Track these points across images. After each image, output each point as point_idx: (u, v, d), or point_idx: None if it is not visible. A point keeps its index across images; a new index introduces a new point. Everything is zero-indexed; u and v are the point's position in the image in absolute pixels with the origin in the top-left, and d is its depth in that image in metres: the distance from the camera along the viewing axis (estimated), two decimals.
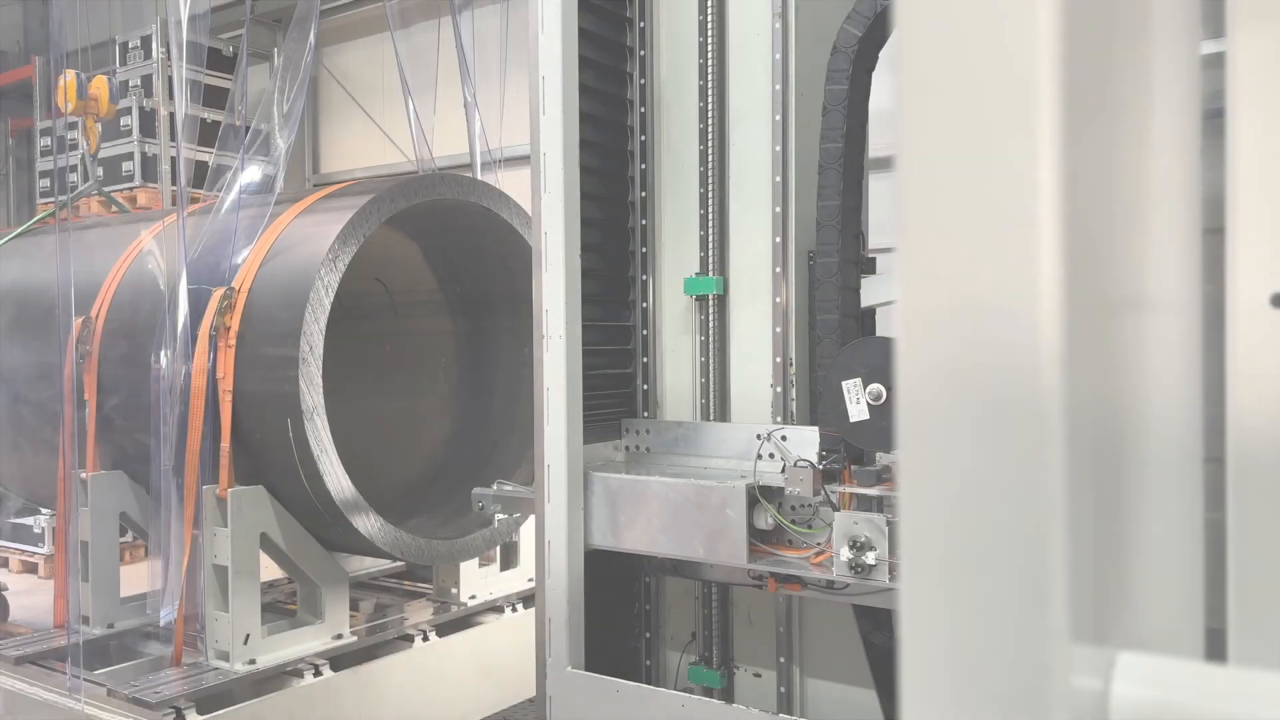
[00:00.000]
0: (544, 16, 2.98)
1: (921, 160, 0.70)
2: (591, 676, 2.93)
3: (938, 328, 0.69)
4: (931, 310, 0.69)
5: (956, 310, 0.69)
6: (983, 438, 0.67)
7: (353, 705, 4.02)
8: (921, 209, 0.69)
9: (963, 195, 0.68)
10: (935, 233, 0.69)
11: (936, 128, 0.69)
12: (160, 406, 3.96)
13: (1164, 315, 0.84)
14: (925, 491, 0.69)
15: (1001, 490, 0.67)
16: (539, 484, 3.02)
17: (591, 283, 3.14)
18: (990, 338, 0.68)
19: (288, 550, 3.97)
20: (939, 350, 0.69)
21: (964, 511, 0.68)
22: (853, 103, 2.74)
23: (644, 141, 3.32)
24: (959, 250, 0.69)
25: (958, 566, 0.68)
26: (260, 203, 4.22)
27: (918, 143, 0.70)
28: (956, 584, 0.68)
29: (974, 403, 0.68)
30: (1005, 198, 0.67)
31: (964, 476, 0.68)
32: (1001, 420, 0.67)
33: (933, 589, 0.69)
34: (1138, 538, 0.81)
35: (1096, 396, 0.71)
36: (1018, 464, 0.66)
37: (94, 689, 3.75)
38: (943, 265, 0.69)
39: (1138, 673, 0.72)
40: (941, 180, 0.69)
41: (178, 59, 4.02)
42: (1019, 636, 0.65)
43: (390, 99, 8.61)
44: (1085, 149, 0.68)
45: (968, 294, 0.68)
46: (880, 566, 2.54)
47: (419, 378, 5.31)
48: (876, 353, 2.51)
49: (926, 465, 0.70)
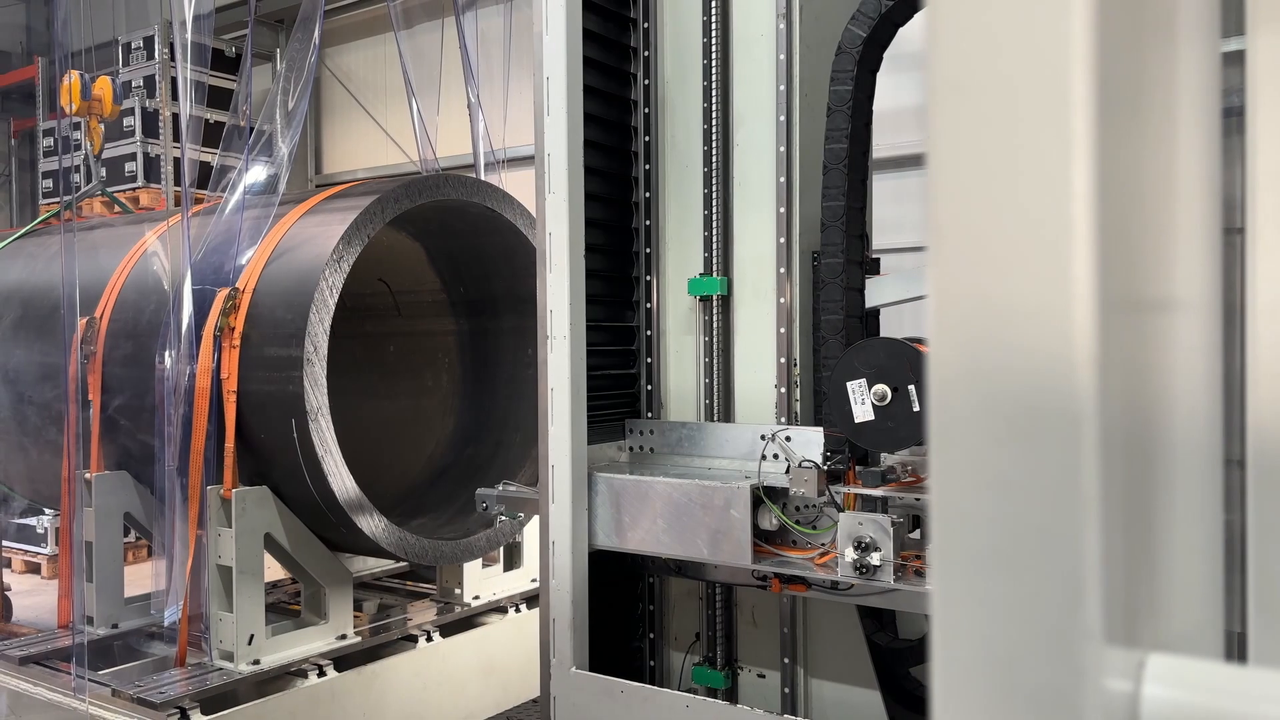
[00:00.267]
0: (548, 17, 2.98)
1: (952, 160, 0.69)
2: (596, 677, 2.93)
3: (969, 329, 0.69)
4: (963, 311, 0.69)
5: (988, 311, 0.69)
6: (1016, 439, 0.67)
7: (357, 706, 4.02)
8: (952, 209, 0.69)
9: (995, 195, 0.68)
10: (966, 233, 0.69)
11: (967, 126, 0.69)
12: (165, 407, 3.96)
13: (1186, 316, 0.84)
14: (957, 492, 0.69)
15: (1036, 491, 0.67)
16: (543, 484, 3.02)
17: (595, 283, 3.14)
18: (1023, 339, 0.67)
19: (292, 551, 3.97)
20: (970, 351, 0.69)
21: (997, 512, 0.68)
22: (857, 103, 2.74)
23: (648, 142, 3.32)
24: (991, 251, 0.68)
25: (991, 568, 0.68)
26: (264, 203, 4.23)
27: (947, 142, 0.69)
28: (989, 585, 0.68)
29: (1007, 404, 0.68)
30: (1038, 197, 0.67)
31: (997, 477, 0.68)
32: (1035, 421, 0.67)
33: (965, 590, 0.69)
34: (1163, 539, 0.81)
35: (1125, 398, 0.71)
36: (1052, 465, 0.66)
37: (99, 689, 3.75)
38: (974, 266, 0.69)
39: (1168, 675, 0.72)
40: (972, 180, 0.69)
41: (182, 60, 4.02)
42: (1053, 638, 0.65)
43: (392, 99, 8.62)
44: (1115, 147, 0.68)
45: (1000, 295, 0.68)
46: (885, 567, 2.54)
47: (422, 378, 5.31)
48: (881, 354, 2.51)
49: (958, 466, 0.69)
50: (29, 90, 10.73)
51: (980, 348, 0.68)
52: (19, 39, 11.73)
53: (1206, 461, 0.88)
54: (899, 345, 2.50)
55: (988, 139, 0.68)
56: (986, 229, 0.68)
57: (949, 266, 0.70)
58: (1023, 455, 0.67)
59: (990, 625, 0.68)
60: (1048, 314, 0.66)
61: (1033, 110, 0.66)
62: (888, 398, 2.47)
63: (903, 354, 2.48)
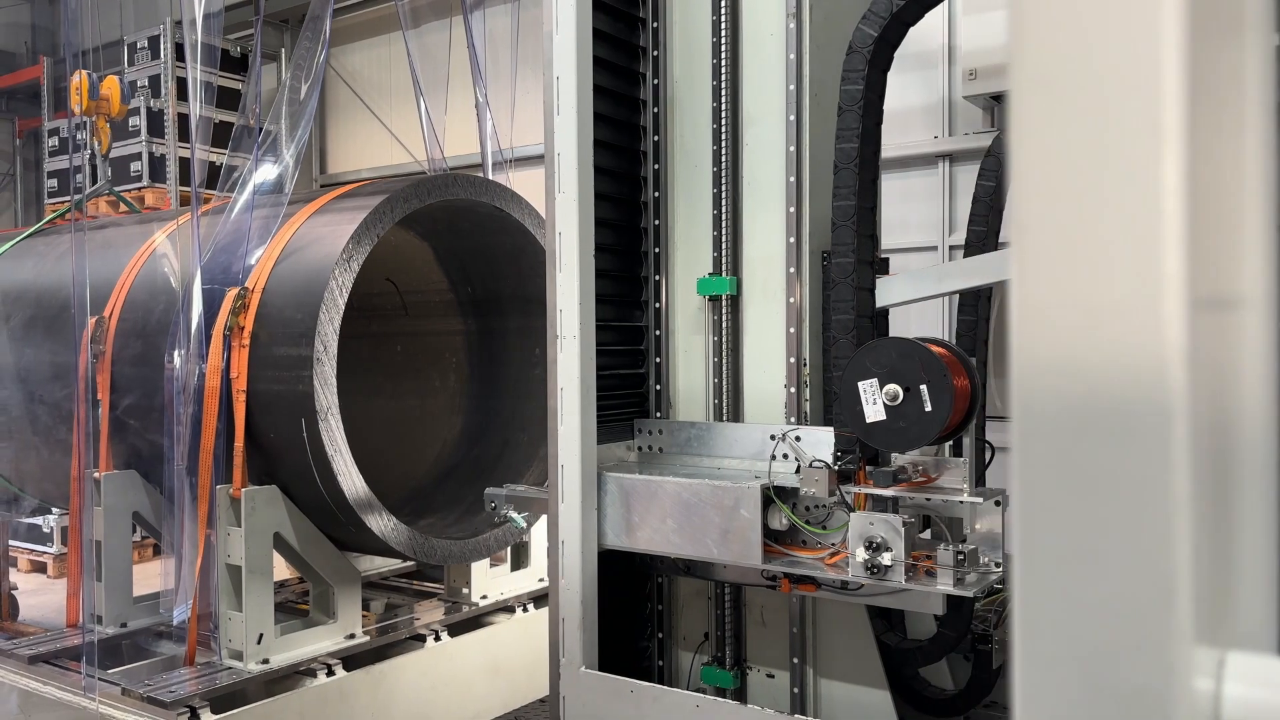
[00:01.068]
0: (558, 17, 2.98)
1: (1037, 155, 0.69)
2: (605, 677, 2.93)
3: (1055, 325, 0.69)
4: (1048, 307, 0.69)
5: (1076, 307, 0.68)
6: (1105, 436, 0.67)
7: (365, 705, 4.02)
8: (1038, 205, 0.69)
9: (1083, 190, 0.68)
10: (1052, 229, 0.69)
11: (1053, 120, 0.68)
12: (174, 406, 3.97)
13: (1252, 313, 0.83)
14: (1042, 491, 0.69)
15: (1125, 490, 0.66)
16: (553, 484, 3.02)
17: (604, 283, 3.14)
18: (1113, 335, 0.67)
19: (301, 550, 3.97)
20: (1057, 348, 0.69)
21: (1084, 510, 0.68)
22: (868, 102, 2.74)
23: (657, 142, 3.33)
24: (1078, 246, 0.68)
25: (1078, 567, 0.68)
26: (273, 203, 4.23)
27: (1033, 137, 0.69)
28: (1076, 584, 0.68)
29: (1095, 401, 0.67)
30: (1129, 192, 0.66)
31: (1085, 474, 0.68)
32: (1126, 418, 0.66)
33: (1050, 589, 0.69)
34: (1236, 536, 0.80)
35: (1208, 395, 0.71)
36: (1144, 462, 0.65)
37: (108, 688, 3.76)
38: (1060, 262, 0.69)
39: (1248, 673, 0.72)
40: (1059, 175, 0.68)
41: (191, 59, 4.02)
42: (1144, 638, 0.65)
43: (398, 99, 8.62)
44: (1202, 141, 0.68)
45: (1088, 290, 0.68)
46: (896, 567, 2.54)
47: (429, 378, 5.31)
48: (893, 353, 2.50)
49: (1043, 464, 0.69)
50: (34, 90, 10.74)
51: (1067, 344, 0.68)
52: (24, 39, 11.74)
53: (1267, 458, 0.88)
54: (911, 345, 2.49)
55: (1075, 133, 0.67)
56: (1073, 224, 0.68)
57: (1034, 262, 0.70)
58: (1112, 452, 0.66)
59: (1077, 624, 0.67)
60: (1139, 310, 0.65)
61: (1123, 103, 0.66)
62: (899, 398, 2.47)
63: (914, 354, 2.48)
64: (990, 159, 3.69)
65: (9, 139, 11.83)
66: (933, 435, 2.47)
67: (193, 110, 4.13)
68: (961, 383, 2.50)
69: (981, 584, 2.56)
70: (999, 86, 4.73)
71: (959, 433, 2.59)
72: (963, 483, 2.63)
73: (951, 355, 2.57)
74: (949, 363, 2.49)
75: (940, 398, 2.43)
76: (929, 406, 2.45)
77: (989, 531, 2.64)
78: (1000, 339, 3.77)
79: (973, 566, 2.57)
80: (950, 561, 2.52)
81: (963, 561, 2.54)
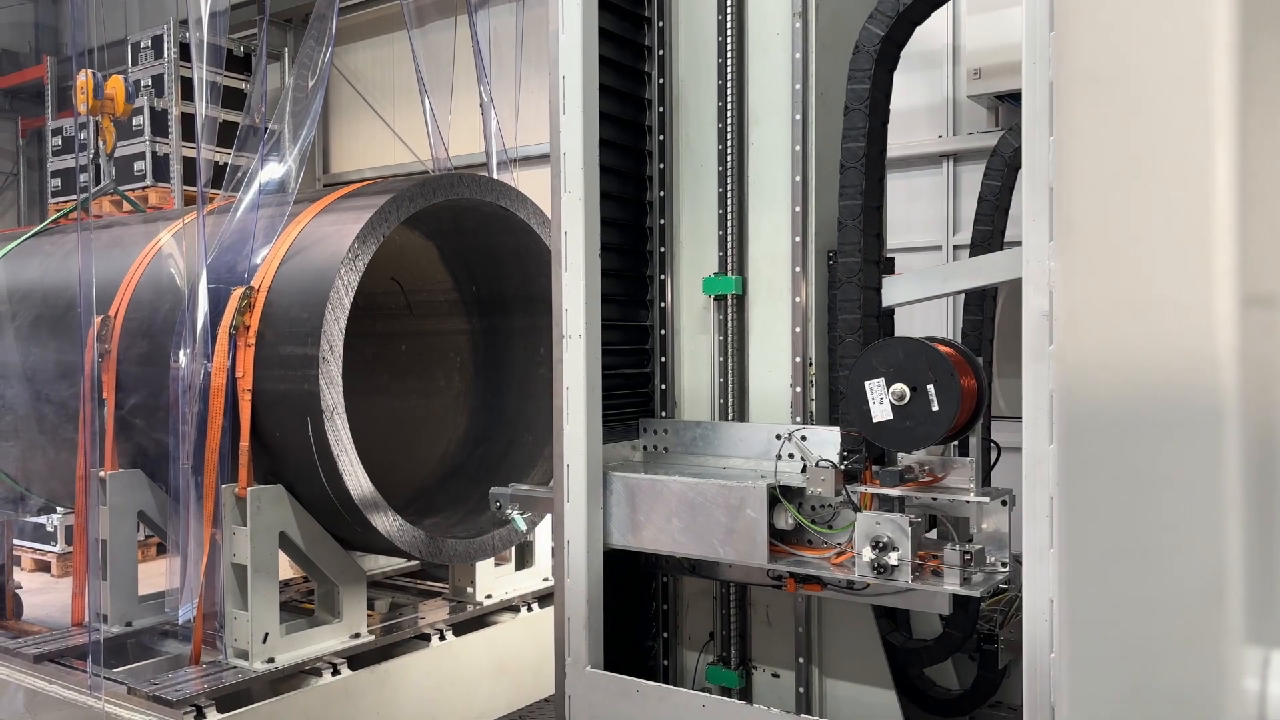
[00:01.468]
0: (564, 16, 2.98)
1: (1083, 151, 0.69)
2: (611, 676, 2.93)
3: (1101, 322, 0.68)
4: (1094, 305, 0.69)
5: (1123, 304, 0.68)
6: (1153, 434, 0.66)
7: (370, 704, 4.03)
8: (1083, 202, 0.68)
9: (1130, 186, 0.67)
10: (1098, 226, 0.68)
11: (1100, 117, 0.68)
12: (179, 405, 3.97)
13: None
14: (1088, 488, 0.69)
15: (1176, 487, 0.66)
16: (558, 483, 3.02)
17: (609, 282, 3.14)
18: (1162, 333, 0.67)
19: (306, 549, 3.98)
20: (1103, 345, 0.68)
21: (1132, 508, 0.67)
22: (874, 101, 2.74)
23: (662, 141, 3.33)
24: (1126, 243, 0.68)
25: (1124, 565, 0.67)
26: (278, 202, 4.23)
27: (1079, 133, 0.69)
28: (1124, 583, 0.67)
29: (1144, 398, 0.67)
30: (1178, 188, 0.66)
31: (1132, 473, 0.67)
32: (1175, 416, 0.66)
33: (1097, 588, 0.68)
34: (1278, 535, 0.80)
35: (1256, 393, 0.70)
36: (1194, 460, 0.65)
37: (114, 687, 3.76)
38: (1107, 259, 0.68)
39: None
40: (1106, 172, 0.68)
41: (197, 59, 4.03)
42: (1195, 636, 0.65)
43: (401, 99, 8.62)
44: (1250, 139, 0.67)
45: (1136, 288, 0.67)
46: (903, 567, 2.54)
47: (433, 377, 5.32)
48: (899, 353, 2.50)
49: (1089, 462, 0.69)
50: (37, 89, 10.75)
51: (1114, 342, 0.68)
52: (28, 38, 11.75)
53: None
54: (917, 344, 2.49)
55: (1123, 129, 0.67)
56: (1120, 221, 0.67)
57: (1080, 260, 0.69)
58: (1162, 450, 0.66)
59: (1125, 623, 0.67)
60: (1189, 308, 0.65)
61: (1173, 99, 0.65)
62: (906, 397, 2.47)
63: (921, 353, 2.48)
64: (996, 158, 3.69)
65: (12, 138, 11.84)
66: (940, 435, 2.47)
67: (198, 110, 4.13)
68: (968, 382, 2.50)
69: (988, 584, 2.56)
70: (1003, 86, 4.72)
71: (966, 432, 2.59)
72: (969, 482, 2.63)
73: (958, 355, 2.57)
74: (956, 362, 2.49)
75: (947, 397, 2.43)
76: (936, 406, 2.45)
77: (995, 531, 2.63)
78: (1006, 338, 3.76)
79: (979, 566, 2.57)
80: (957, 561, 2.52)
81: (969, 561, 2.53)
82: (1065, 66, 0.70)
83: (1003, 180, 3.68)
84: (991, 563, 2.62)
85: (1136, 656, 0.68)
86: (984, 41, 4.71)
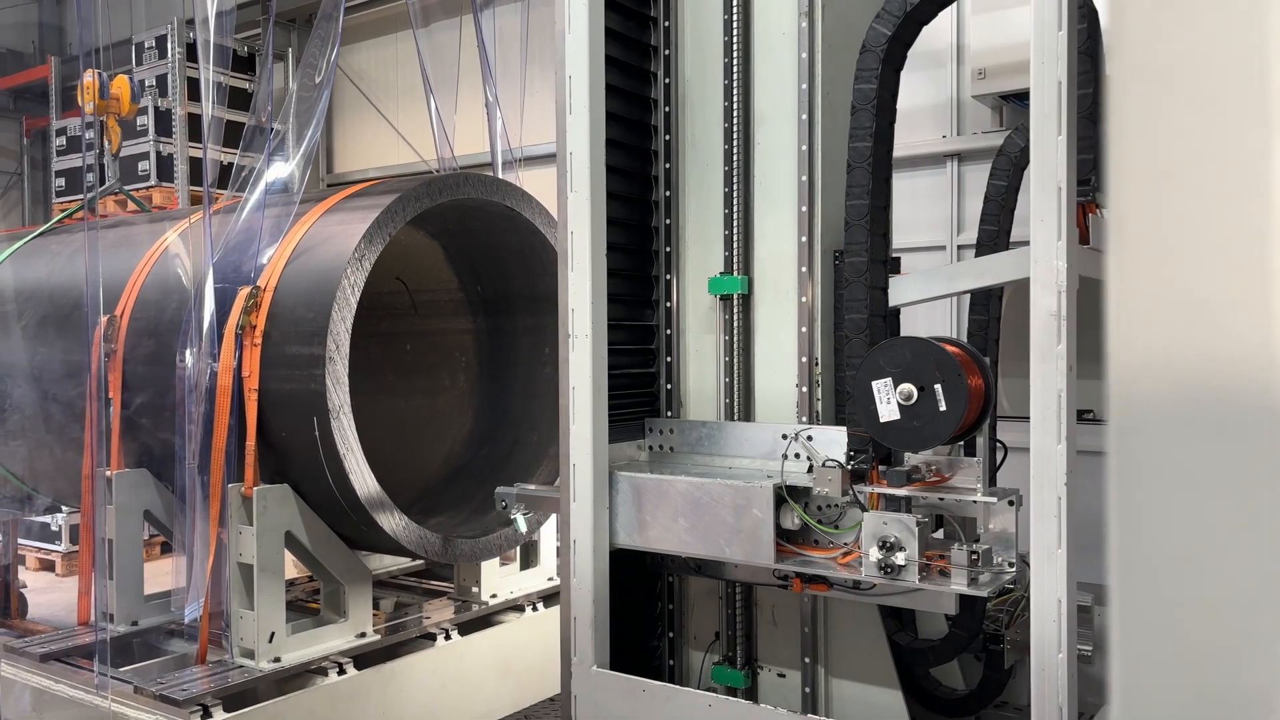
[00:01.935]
0: (570, 16, 2.98)
1: (1138, 147, 0.68)
2: (617, 676, 2.93)
3: (1157, 321, 0.68)
4: (1150, 303, 0.68)
5: (1179, 303, 0.67)
6: (1210, 434, 0.66)
7: (375, 704, 4.03)
8: (1138, 199, 0.68)
9: (1186, 183, 0.66)
10: (1154, 223, 0.67)
11: (1155, 112, 0.67)
12: (186, 405, 3.98)
13: None
14: (1143, 489, 0.68)
15: (1233, 488, 0.65)
16: (564, 482, 3.02)
17: (615, 282, 3.14)
18: (1219, 331, 0.66)
19: (312, 549, 3.98)
20: (1158, 345, 0.68)
21: (1188, 509, 0.67)
22: (881, 101, 2.74)
23: (668, 140, 3.33)
24: (1181, 240, 0.67)
25: (1180, 566, 0.67)
26: (283, 202, 4.23)
27: (1134, 128, 0.68)
28: (1179, 584, 0.67)
29: (1200, 398, 0.66)
30: (1237, 184, 0.65)
31: (1188, 473, 0.67)
32: (1232, 416, 0.65)
33: (1151, 589, 0.68)
34: None
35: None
36: (1251, 460, 0.64)
37: (121, 686, 3.77)
38: (1162, 257, 0.67)
39: None
40: (1161, 168, 0.67)
41: (204, 59, 4.03)
42: (1251, 637, 0.64)
43: (405, 99, 8.62)
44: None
45: (1192, 286, 0.67)
46: (910, 567, 2.54)
47: (438, 377, 5.32)
48: (907, 352, 2.50)
49: (1144, 462, 0.68)
50: (41, 89, 10.76)
51: (1169, 341, 0.67)
52: (31, 38, 11.77)
53: None
54: (925, 344, 2.49)
55: (1179, 124, 0.66)
56: (1176, 218, 0.66)
57: (1134, 258, 0.68)
58: (1219, 450, 0.65)
59: (1180, 624, 0.67)
60: (1247, 306, 0.64)
61: (1231, 94, 0.64)
62: (914, 397, 2.47)
63: (929, 353, 2.48)
64: (1001, 158, 3.68)
65: (16, 138, 11.86)
66: (948, 435, 2.47)
67: (205, 110, 4.13)
68: (976, 382, 2.50)
69: (995, 584, 2.56)
70: (1008, 86, 4.72)
71: (973, 432, 2.59)
72: (976, 482, 2.63)
73: (965, 354, 2.57)
74: (963, 362, 2.49)
75: (955, 397, 2.43)
76: (944, 406, 2.44)
77: (1002, 531, 2.63)
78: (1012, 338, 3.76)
79: (986, 566, 2.57)
80: (964, 561, 2.52)
81: (976, 561, 2.53)
82: (1120, 60, 0.69)
83: (1008, 180, 3.67)
84: (998, 563, 2.62)
85: (1191, 657, 0.68)
86: (988, 41, 4.71)
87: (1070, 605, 2.33)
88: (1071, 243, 2.33)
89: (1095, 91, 2.92)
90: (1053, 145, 2.32)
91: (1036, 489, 2.35)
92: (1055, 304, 2.32)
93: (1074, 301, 2.33)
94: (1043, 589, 2.35)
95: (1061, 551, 2.32)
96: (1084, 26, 2.86)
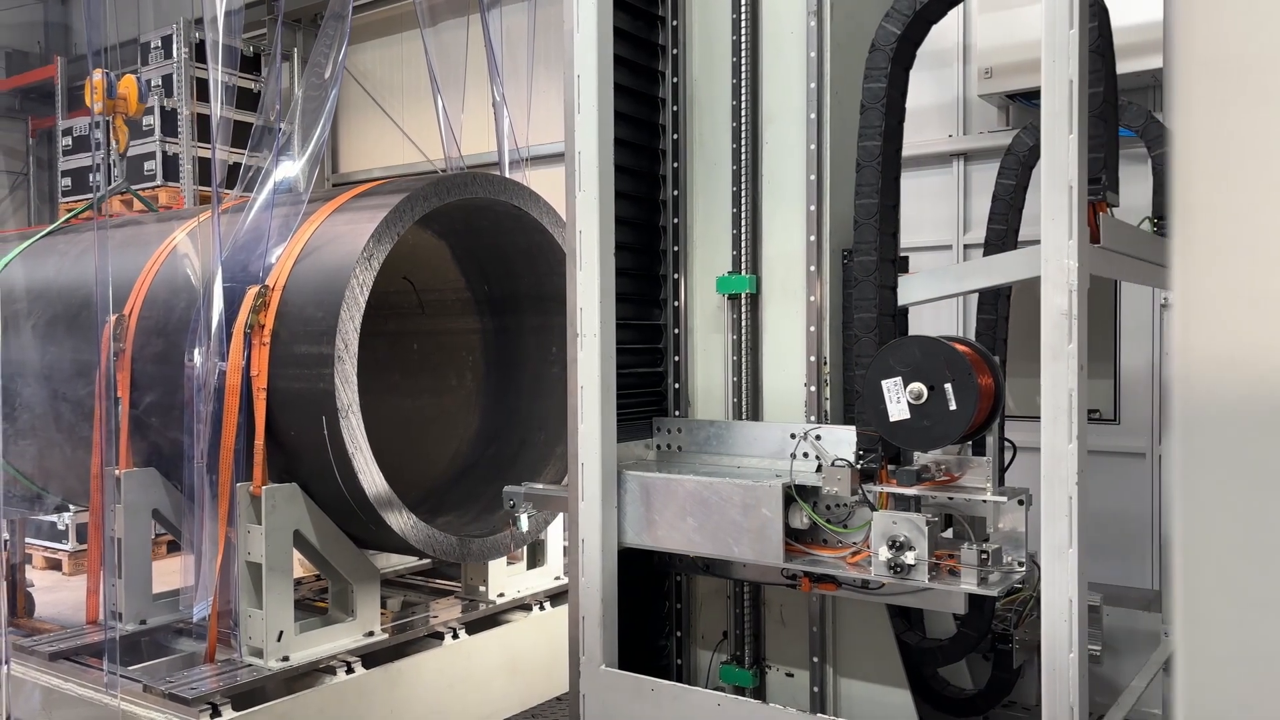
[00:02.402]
0: (579, 16, 2.98)
1: (1203, 142, 0.67)
2: (626, 675, 2.93)
3: (1224, 319, 0.67)
4: (1217, 301, 0.67)
5: (1246, 300, 0.66)
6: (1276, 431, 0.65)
7: (383, 703, 4.04)
8: (1204, 195, 0.67)
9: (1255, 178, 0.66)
10: (1220, 219, 0.67)
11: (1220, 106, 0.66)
12: (194, 404, 3.98)
13: None
14: (1208, 487, 0.68)
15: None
16: (573, 482, 3.02)
17: (623, 281, 3.14)
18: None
19: (320, 548, 3.99)
20: (1225, 342, 0.67)
21: (1256, 507, 0.66)
22: (890, 100, 2.73)
23: (676, 140, 3.33)
24: (1249, 237, 0.66)
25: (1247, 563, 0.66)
26: (291, 201, 4.24)
27: (1198, 123, 0.67)
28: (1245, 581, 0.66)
29: (1265, 396, 0.66)
30: None
31: (1255, 471, 0.66)
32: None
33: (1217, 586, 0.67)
34: None
35: None
36: None
37: (130, 684, 3.77)
38: (1229, 254, 0.67)
39: None
40: (1228, 163, 0.66)
41: (213, 58, 4.04)
42: None
43: (410, 99, 8.63)
44: None
45: (1260, 284, 0.66)
46: (919, 566, 2.53)
47: (446, 376, 5.32)
48: (916, 352, 2.50)
49: (1210, 460, 0.68)
50: (48, 89, 10.77)
51: (1237, 338, 0.66)
52: (37, 38, 11.79)
53: None
54: (935, 343, 2.49)
55: (1247, 118, 0.65)
56: (1244, 215, 0.66)
57: (1200, 255, 0.67)
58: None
59: (1246, 621, 0.66)
60: None
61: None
62: (924, 396, 2.47)
63: (939, 352, 2.47)
64: (1010, 157, 3.68)
65: (22, 139, 11.88)
66: (958, 434, 2.47)
67: (214, 110, 4.13)
68: (986, 381, 2.50)
69: (1005, 583, 2.55)
70: (1015, 85, 4.71)
71: (983, 431, 2.58)
72: (985, 482, 2.62)
73: (975, 353, 2.56)
74: (974, 361, 2.49)
75: (965, 396, 2.43)
76: (954, 405, 2.44)
77: (1011, 530, 2.63)
78: (1020, 337, 3.75)
79: (996, 566, 2.57)
80: (974, 561, 2.52)
81: (986, 561, 2.53)
82: (1184, 55, 0.68)
83: (1017, 179, 3.67)
84: (1008, 562, 2.61)
85: (1258, 656, 0.67)
86: (995, 40, 4.70)
87: (1081, 605, 2.33)
88: (1083, 241, 2.33)
89: (1106, 90, 2.91)
90: (1064, 144, 2.31)
91: (1048, 488, 2.35)
92: (1066, 303, 2.31)
93: (1085, 300, 2.33)
94: (1054, 588, 2.34)
95: (1073, 551, 2.31)
96: (1094, 25, 2.85)
